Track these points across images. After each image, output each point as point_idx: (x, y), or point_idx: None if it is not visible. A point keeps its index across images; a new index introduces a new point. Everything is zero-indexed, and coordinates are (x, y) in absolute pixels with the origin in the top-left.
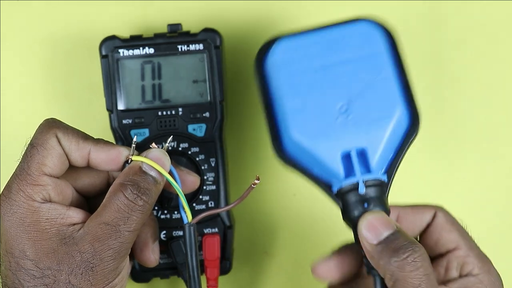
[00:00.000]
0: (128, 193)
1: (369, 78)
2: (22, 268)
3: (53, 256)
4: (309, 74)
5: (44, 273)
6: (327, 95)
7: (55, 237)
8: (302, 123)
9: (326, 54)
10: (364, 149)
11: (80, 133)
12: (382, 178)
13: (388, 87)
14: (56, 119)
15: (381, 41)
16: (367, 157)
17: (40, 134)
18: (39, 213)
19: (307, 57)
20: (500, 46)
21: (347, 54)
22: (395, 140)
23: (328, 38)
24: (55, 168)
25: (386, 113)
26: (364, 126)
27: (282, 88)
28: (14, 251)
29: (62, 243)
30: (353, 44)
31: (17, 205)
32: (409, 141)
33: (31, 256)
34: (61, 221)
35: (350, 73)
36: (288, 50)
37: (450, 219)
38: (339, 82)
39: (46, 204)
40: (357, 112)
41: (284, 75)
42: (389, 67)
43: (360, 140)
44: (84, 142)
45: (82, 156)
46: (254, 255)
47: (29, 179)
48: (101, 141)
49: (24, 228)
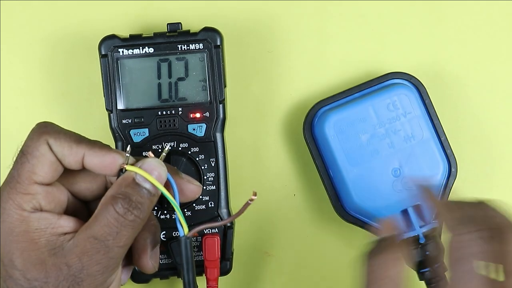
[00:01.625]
0: (119, 207)
1: (413, 141)
2: (10, 277)
3: (41, 267)
4: (360, 142)
5: (31, 284)
6: (381, 162)
7: (44, 248)
8: (362, 190)
9: (372, 122)
10: (419, 204)
11: (73, 137)
12: (435, 226)
13: (430, 147)
14: (49, 122)
15: (416, 103)
16: (421, 210)
17: (30, 141)
18: (28, 223)
19: (356, 126)
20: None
21: (391, 120)
22: (441, 189)
23: (371, 105)
24: (46, 176)
25: (433, 171)
26: (417, 186)
27: (338, 158)
28: (4, 259)
29: (51, 253)
30: (394, 108)
31: (6, 213)
32: (451, 186)
33: (19, 266)
34: (51, 231)
35: (397, 138)
36: (338, 122)
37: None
38: (389, 148)
39: (36, 213)
40: (409, 175)
41: (338, 146)
42: (427, 127)
43: (415, 199)
44: (78, 147)
45: (76, 161)
46: (254, 255)
47: (19, 187)
48: (97, 145)
49: (13, 238)
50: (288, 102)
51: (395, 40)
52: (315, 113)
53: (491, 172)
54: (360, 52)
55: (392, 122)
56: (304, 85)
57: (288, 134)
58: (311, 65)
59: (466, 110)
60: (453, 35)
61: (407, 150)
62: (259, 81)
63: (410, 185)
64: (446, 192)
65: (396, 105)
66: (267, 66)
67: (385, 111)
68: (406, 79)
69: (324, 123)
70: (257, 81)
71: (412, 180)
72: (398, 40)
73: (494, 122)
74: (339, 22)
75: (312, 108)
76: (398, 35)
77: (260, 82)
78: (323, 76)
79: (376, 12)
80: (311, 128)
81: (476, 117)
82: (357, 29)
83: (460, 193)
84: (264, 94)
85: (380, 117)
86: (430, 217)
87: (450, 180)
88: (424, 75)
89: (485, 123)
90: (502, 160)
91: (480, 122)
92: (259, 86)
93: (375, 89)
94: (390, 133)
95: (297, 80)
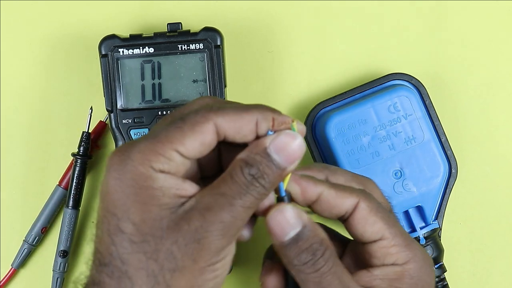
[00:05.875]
0: (246, 172)
1: (414, 143)
2: (120, 232)
3: (159, 224)
4: (361, 144)
5: (145, 238)
6: (382, 164)
7: (165, 206)
8: None
9: (373, 124)
10: (420, 205)
11: (240, 107)
12: (436, 227)
13: (430, 148)
14: (217, 100)
15: (417, 105)
16: (423, 211)
17: (195, 115)
18: (153, 180)
19: (357, 128)
20: (500, 46)
21: (392, 122)
22: (441, 190)
23: (372, 107)
24: (191, 151)
25: (433, 173)
26: (418, 188)
27: (339, 159)
28: (118, 211)
29: (171, 212)
30: (395, 110)
31: (133, 166)
32: (451, 187)
33: (135, 219)
34: (176, 192)
35: (398, 140)
36: (339, 123)
37: (374, 208)
38: (390, 150)
39: (162, 174)
40: (409, 176)
41: (340, 147)
42: (427, 128)
43: (416, 200)
44: (248, 114)
45: (250, 130)
46: (254, 255)
47: (158, 146)
48: (268, 109)
49: (134, 190)
50: (288, 102)
51: (395, 40)
52: (315, 114)
53: (491, 172)
54: (361, 52)
55: (393, 124)
56: (304, 85)
57: None
58: (312, 65)
59: (466, 111)
60: (454, 35)
61: (408, 152)
62: (259, 81)
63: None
64: (447, 193)
65: (397, 107)
66: (267, 66)
67: (386, 112)
68: (407, 80)
69: (325, 125)
70: (257, 81)
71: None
72: (398, 40)
73: (494, 123)
74: (339, 22)
75: (313, 110)
76: (399, 35)
77: (260, 82)
78: (323, 76)
79: (376, 13)
80: (312, 129)
81: (476, 117)
82: (358, 29)
83: (460, 193)
84: (264, 94)
85: (381, 119)
86: (430, 219)
87: (451, 181)
88: (424, 75)
89: (485, 123)
90: (502, 160)
91: (480, 122)
92: (259, 86)
93: (376, 90)
94: (391, 135)
95: (297, 81)
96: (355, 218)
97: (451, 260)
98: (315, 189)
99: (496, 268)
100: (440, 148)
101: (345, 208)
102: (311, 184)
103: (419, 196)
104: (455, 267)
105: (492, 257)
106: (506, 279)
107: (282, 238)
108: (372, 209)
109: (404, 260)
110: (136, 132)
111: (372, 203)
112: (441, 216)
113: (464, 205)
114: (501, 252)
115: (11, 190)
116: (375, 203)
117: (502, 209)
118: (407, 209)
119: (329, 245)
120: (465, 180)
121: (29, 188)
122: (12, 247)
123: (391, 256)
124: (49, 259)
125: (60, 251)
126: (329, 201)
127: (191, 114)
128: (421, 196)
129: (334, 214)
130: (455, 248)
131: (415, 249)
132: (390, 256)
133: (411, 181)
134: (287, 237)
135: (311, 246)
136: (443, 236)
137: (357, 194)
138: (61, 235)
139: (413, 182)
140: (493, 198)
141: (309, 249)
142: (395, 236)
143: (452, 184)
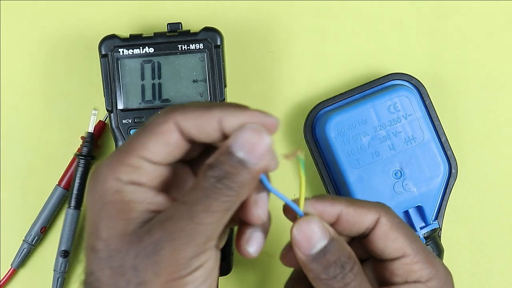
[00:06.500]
0: (208, 174)
1: (414, 143)
2: (93, 249)
3: (125, 238)
4: (361, 144)
5: (111, 254)
6: (382, 164)
7: (133, 220)
8: (363, 192)
9: (373, 124)
10: (420, 205)
11: (202, 105)
12: (436, 227)
13: (430, 148)
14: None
15: (417, 105)
16: (423, 211)
17: (156, 117)
18: (122, 193)
19: (357, 128)
20: (500, 46)
21: (392, 122)
22: (441, 190)
23: (372, 107)
24: (157, 154)
25: (433, 173)
26: (418, 188)
27: (339, 159)
28: (91, 229)
29: (139, 226)
30: (395, 110)
31: (102, 180)
32: (451, 187)
33: (103, 236)
34: (147, 206)
35: (398, 140)
36: (339, 123)
37: (395, 224)
38: (390, 150)
39: (132, 186)
40: (409, 176)
41: (340, 148)
42: (427, 128)
43: (416, 200)
44: (210, 112)
45: (214, 128)
46: None
47: (123, 157)
48: (231, 106)
49: (102, 206)
50: (288, 102)
51: (395, 40)
52: (315, 114)
53: (491, 172)
54: (361, 52)
55: (393, 124)
56: (304, 85)
57: (288, 135)
58: (312, 65)
59: (466, 111)
60: (454, 35)
61: (408, 152)
62: (260, 81)
63: (412, 188)
64: (447, 193)
65: (397, 107)
66: (267, 66)
67: (386, 112)
68: (407, 80)
69: (325, 125)
70: (258, 81)
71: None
72: (398, 40)
73: (494, 123)
74: (340, 22)
75: (313, 110)
76: (399, 35)
77: (260, 82)
78: (323, 76)
79: (376, 13)
80: (312, 129)
81: (476, 117)
82: (358, 29)
83: (460, 193)
84: (264, 95)
85: (381, 119)
86: (430, 219)
87: (451, 181)
88: (424, 75)
89: (485, 123)
90: (502, 160)
91: (480, 122)
92: (260, 86)
93: (376, 90)
94: (391, 135)
95: (297, 81)
96: (375, 234)
97: (451, 260)
98: (333, 209)
99: (496, 268)
100: (440, 148)
101: (366, 225)
102: (328, 205)
103: (419, 196)
104: (455, 267)
105: (492, 257)
106: (506, 279)
107: (309, 250)
108: (393, 224)
109: (427, 277)
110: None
111: (393, 218)
112: (441, 216)
113: (464, 205)
114: (501, 252)
115: (11, 190)
116: (396, 218)
117: (502, 209)
118: (407, 209)
119: (356, 260)
120: (465, 180)
121: (29, 188)
122: (12, 247)
123: (414, 273)
124: (48, 259)
125: (62, 251)
126: (348, 220)
127: (152, 117)
128: (421, 196)
129: (355, 232)
130: (455, 248)
131: (438, 265)
132: (413, 273)
133: (411, 181)
134: (314, 250)
135: (339, 259)
136: (443, 236)
137: (376, 209)
138: (63, 235)
139: (413, 182)
140: (493, 198)
141: (338, 262)
142: (417, 253)
143: (452, 184)
